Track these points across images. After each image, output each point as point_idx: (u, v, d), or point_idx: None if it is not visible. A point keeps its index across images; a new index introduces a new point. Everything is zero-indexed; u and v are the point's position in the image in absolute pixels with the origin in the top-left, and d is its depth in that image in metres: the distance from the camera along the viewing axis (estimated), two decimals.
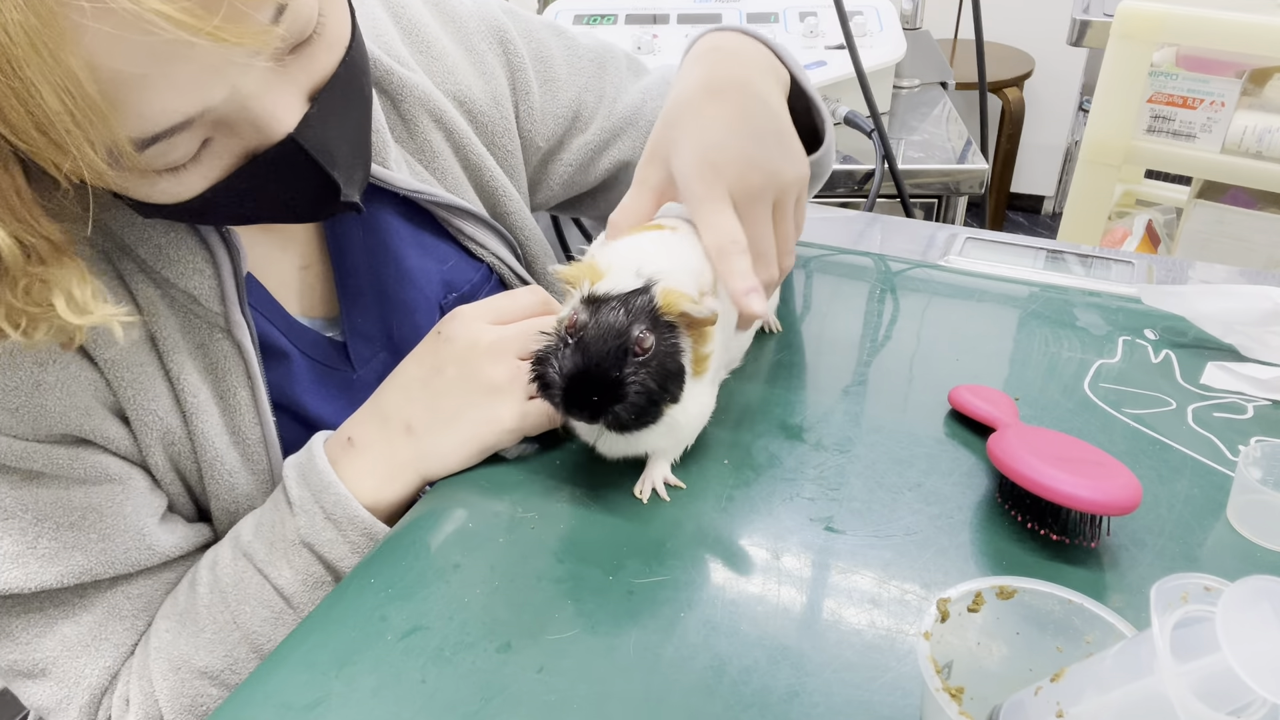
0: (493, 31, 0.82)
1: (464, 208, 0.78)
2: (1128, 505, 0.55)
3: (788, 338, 0.81)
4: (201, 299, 0.64)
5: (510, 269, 0.82)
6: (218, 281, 0.64)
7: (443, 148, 0.78)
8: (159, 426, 0.64)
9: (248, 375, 0.66)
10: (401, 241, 0.75)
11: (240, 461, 0.67)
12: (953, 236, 0.97)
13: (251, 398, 0.67)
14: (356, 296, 0.74)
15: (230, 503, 0.68)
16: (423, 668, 0.51)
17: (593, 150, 0.86)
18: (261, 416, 0.67)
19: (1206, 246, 1.44)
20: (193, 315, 0.64)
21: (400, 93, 0.75)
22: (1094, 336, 0.80)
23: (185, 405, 0.64)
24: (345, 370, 0.73)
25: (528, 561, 0.58)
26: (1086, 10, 1.59)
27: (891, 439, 0.68)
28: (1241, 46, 1.31)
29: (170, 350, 0.64)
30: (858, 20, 1.44)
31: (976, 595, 0.45)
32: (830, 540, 0.60)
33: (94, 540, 0.62)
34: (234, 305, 0.65)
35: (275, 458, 0.68)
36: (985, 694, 0.46)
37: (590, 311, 0.57)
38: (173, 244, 0.63)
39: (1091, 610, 0.44)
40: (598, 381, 0.55)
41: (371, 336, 0.75)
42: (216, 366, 0.65)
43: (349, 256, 0.73)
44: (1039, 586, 0.45)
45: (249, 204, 0.58)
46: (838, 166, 1.36)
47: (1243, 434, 0.68)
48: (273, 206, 0.60)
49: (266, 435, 0.68)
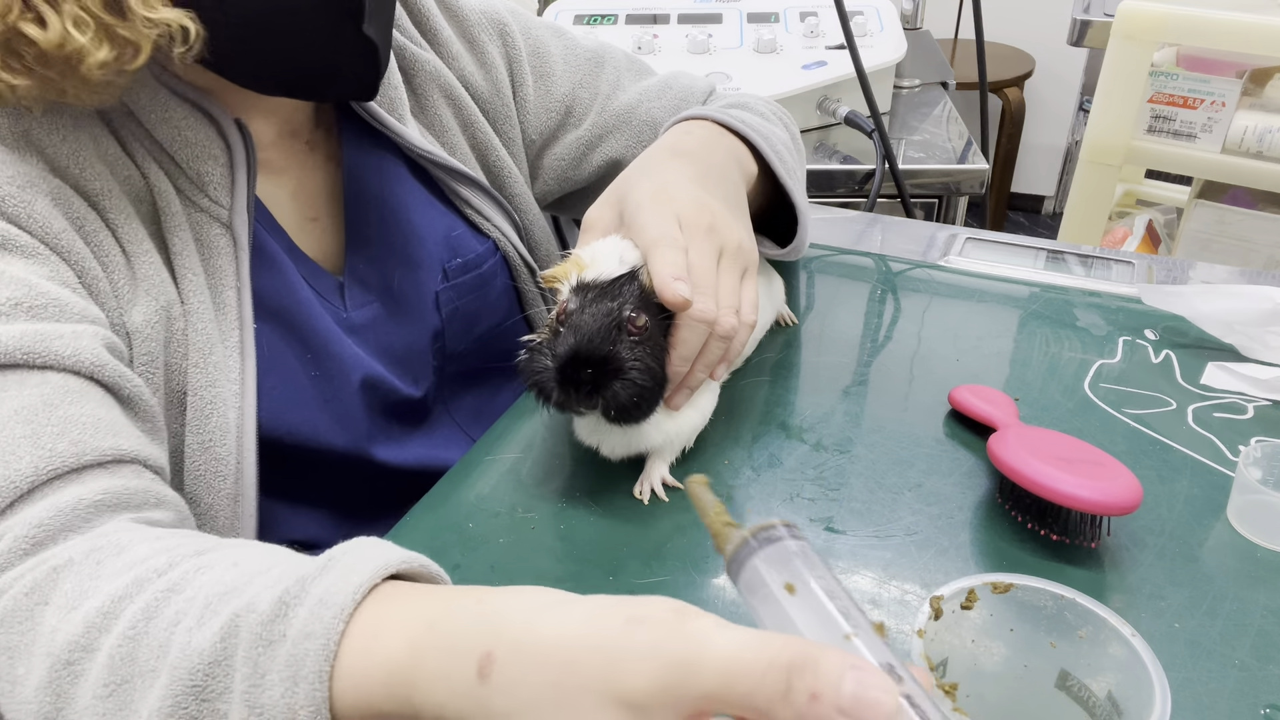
0: (493, 24, 0.83)
1: (469, 175, 0.79)
2: (1128, 505, 0.55)
3: (788, 338, 0.81)
4: (209, 186, 0.64)
5: (515, 248, 0.83)
6: (229, 171, 0.65)
7: (452, 123, 0.80)
8: (163, 298, 0.62)
9: (237, 275, 0.65)
10: (413, 197, 0.77)
11: (221, 359, 0.64)
12: (953, 237, 0.97)
13: (237, 300, 0.65)
14: (363, 244, 0.74)
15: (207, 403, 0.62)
16: None
17: (584, 145, 0.86)
18: (243, 319, 0.65)
19: (1207, 247, 1.44)
20: (195, 207, 0.64)
21: (413, 67, 0.77)
22: (1094, 337, 0.80)
23: (182, 290, 0.63)
24: (338, 307, 0.73)
25: (528, 561, 0.58)
26: (1087, 10, 1.59)
27: (891, 439, 0.68)
28: (1242, 46, 1.31)
29: (171, 231, 0.63)
30: (858, 20, 1.44)
31: (970, 593, 0.45)
32: (830, 540, 0.60)
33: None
34: (241, 197, 0.65)
35: (249, 365, 0.65)
36: (981, 691, 0.46)
37: (579, 298, 0.57)
38: (192, 128, 0.63)
39: (1084, 605, 0.44)
40: (593, 359, 0.54)
41: (370, 284, 0.75)
42: (210, 261, 0.65)
43: (361, 205, 0.74)
44: (1031, 582, 0.45)
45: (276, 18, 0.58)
46: (838, 166, 1.36)
47: (1243, 434, 0.68)
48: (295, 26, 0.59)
49: (244, 340, 0.65)
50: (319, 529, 0.73)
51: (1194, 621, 0.53)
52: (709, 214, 0.62)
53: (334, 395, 0.71)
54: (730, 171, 0.70)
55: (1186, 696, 0.49)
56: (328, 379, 0.70)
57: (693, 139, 0.71)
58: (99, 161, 0.61)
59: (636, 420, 0.57)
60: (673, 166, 0.66)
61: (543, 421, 0.72)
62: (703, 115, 0.75)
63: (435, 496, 0.65)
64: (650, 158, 0.69)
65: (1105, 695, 0.44)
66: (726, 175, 0.69)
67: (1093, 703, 0.45)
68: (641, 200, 0.62)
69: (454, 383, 0.81)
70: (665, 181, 0.64)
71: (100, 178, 0.60)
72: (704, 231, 0.61)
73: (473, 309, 0.80)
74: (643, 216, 0.61)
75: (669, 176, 0.65)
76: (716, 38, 1.48)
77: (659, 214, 0.61)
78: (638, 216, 0.61)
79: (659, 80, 0.91)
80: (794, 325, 0.83)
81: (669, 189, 0.63)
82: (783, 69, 1.41)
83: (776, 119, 0.85)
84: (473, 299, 0.80)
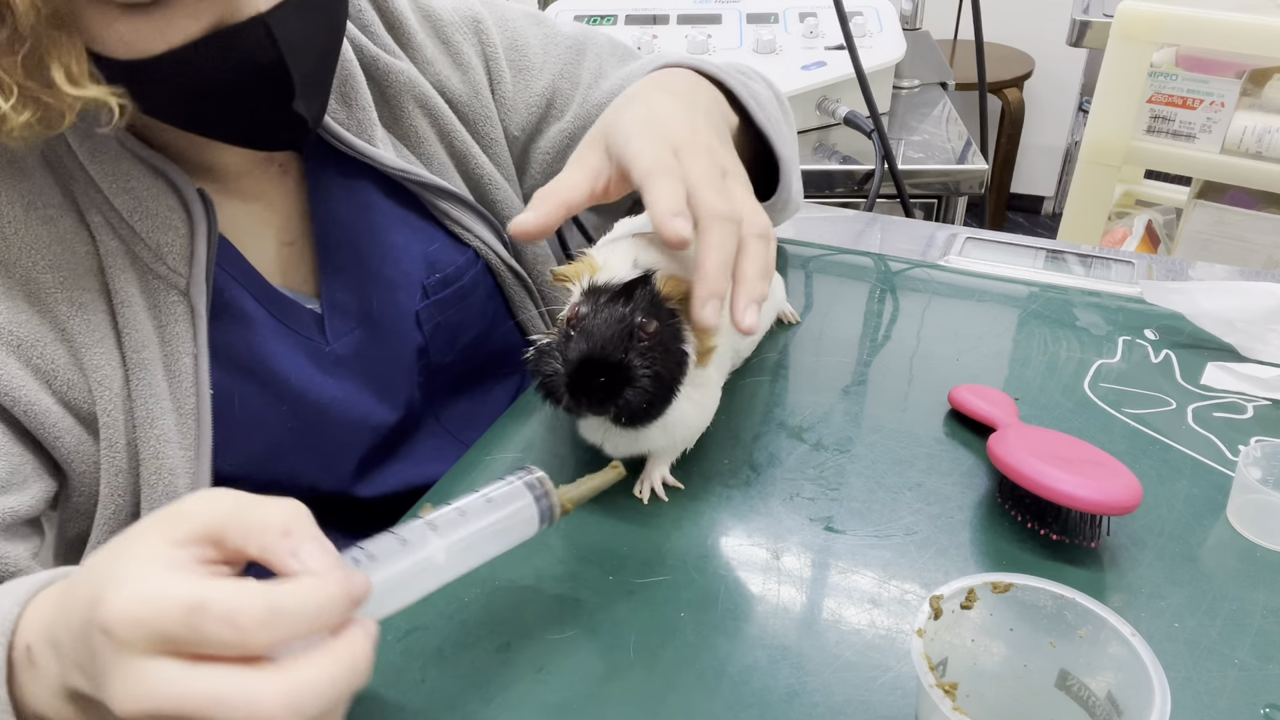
0: (467, 22, 0.81)
1: (447, 189, 0.77)
2: (1128, 505, 0.55)
3: (788, 338, 0.81)
4: (168, 257, 0.63)
5: (498, 256, 0.81)
6: (189, 241, 0.64)
7: (428, 134, 0.78)
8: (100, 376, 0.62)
9: (194, 342, 0.65)
10: (386, 218, 0.75)
11: (174, 427, 0.65)
12: (953, 236, 0.97)
13: (194, 365, 0.65)
14: (338, 271, 0.73)
15: (153, 472, 0.63)
16: (423, 668, 0.51)
17: (568, 138, 0.84)
18: (199, 386, 0.65)
19: (1206, 247, 1.44)
20: (153, 274, 0.64)
21: (386, 79, 0.75)
22: (1094, 336, 0.80)
23: (129, 360, 0.63)
24: (319, 342, 0.72)
25: (528, 561, 0.58)
26: (1086, 10, 1.60)
27: (891, 439, 0.68)
28: (1241, 47, 1.31)
29: (123, 304, 0.63)
30: (857, 21, 1.44)
31: (969, 592, 0.45)
32: (830, 540, 0.60)
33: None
34: (199, 268, 0.64)
35: (205, 432, 0.65)
36: (981, 690, 0.46)
37: (591, 302, 0.56)
38: (153, 197, 0.63)
39: (1083, 605, 0.44)
40: (605, 365, 0.54)
41: (350, 311, 0.74)
42: (166, 328, 0.64)
43: (333, 231, 0.73)
44: (1030, 582, 0.45)
45: (204, 99, 0.58)
46: (837, 167, 1.36)
47: (1243, 434, 0.68)
48: (225, 107, 0.59)
49: (200, 407, 0.65)
50: None
51: (1194, 621, 0.53)
52: (704, 138, 0.58)
53: (315, 443, 0.71)
54: (715, 114, 0.66)
55: (1186, 696, 0.49)
56: (307, 428, 0.70)
57: (675, 80, 0.67)
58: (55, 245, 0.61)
59: (645, 424, 0.57)
60: (657, 98, 0.62)
61: (542, 421, 0.72)
62: (680, 63, 0.71)
63: (435, 496, 0.65)
64: (633, 92, 0.63)
65: (1105, 695, 0.44)
66: (712, 115, 0.65)
67: (1092, 702, 0.45)
68: (630, 130, 0.58)
69: (442, 393, 0.81)
70: (653, 110, 0.60)
71: (52, 268, 0.60)
72: (703, 152, 0.57)
73: (455, 321, 0.79)
74: (633, 146, 0.56)
75: (656, 106, 0.60)
76: (716, 38, 1.48)
77: (650, 142, 0.56)
78: (628, 148, 0.56)
79: (643, 66, 0.87)
80: (797, 323, 0.82)
81: (658, 116, 0.59)
82: (782, 69, 1.41)
83: (759, 79, 0.82)
84: (454, 312, 0.79)
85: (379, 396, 0.74)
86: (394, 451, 0.77)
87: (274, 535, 0.38)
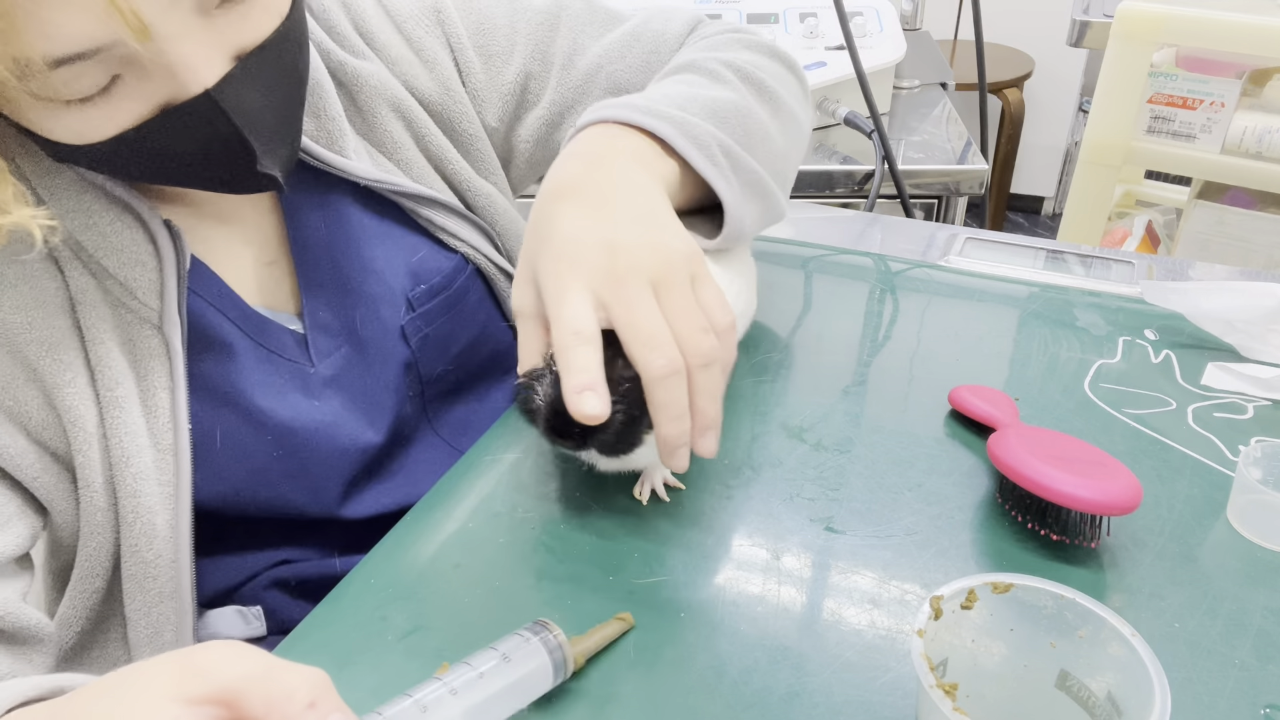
0: (428, 14, 0.77)
1: (429, 196, 0.75)
2: (1128, 505, 0.55)
3: (788, 337, 0.81)
4: (138, 292, 0.62)
5: (488, 259, 0.79)
6: (159, 275, 0.62)
7: (404, 138, 0.75)
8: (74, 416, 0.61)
9: (171, 376, 0.63)
10: (364, 233, 0.73)
11: (152, 464, 0.63)
12: (953, 236, 0.97)
13: (171, 400, 0.63)
14: (318, 289, 0.71)
15: (131, 510, 0.63)
16: (423, 668, 0.51)
17: (547, 124, 0.80)
18: (176, 422, 0.63)
19: (1206, 247, 1.44)
20: (125, 309, 0.62)
21: (356, 83, 0.73)
22: (1094, 336, 0.80)
23: (103, 399, 0.61)
24: (303, 364, 0.71)
25: (528, 561, 0.58)
26: (1086, 11, 1.59)
27: (891, 439, 0.68)
28: (1241, 47, 1.31)
29: (95, 341, 0.61)
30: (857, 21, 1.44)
31: (970, 592, 0.45)
32: (830, 540, 0.60)
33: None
34: (171, 302, 0.63)
35: (184, 468, 0.64)
36: (981, 690, 0.46)
37: None
38: (118, 232, 0.61)
39: (1083, 605, 0.44)
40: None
41: (333, 330, 0.72)
42: (141, 364, 0.63)
43: (310, 249, 0.71)
44: (1030, 582, 0.45)
45: (165, 163, 0.57)
46: (837, 167, 1.36)
47: (1243, 434, 0.68)
48: (188, 170, 0.58)
49: (178, 443, 0.63)
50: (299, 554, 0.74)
51: (1194, 621, 0.53)
52: (624, 254, 0.54)
53: (300, 469, 0.69)
54: (634, 180, 0.60)
55: (1186, 696, 0.49)
56: (292, 455, 0.69)
57: (578, 162, 0.62)
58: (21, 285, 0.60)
59: (625, 454, 0.56)
60: (562, 214, 0.57)
61: None
62: (599, 119, 0.65)
63: (435, 496, 0.65)
64: (539, 209, 0.60)
65: (1105, 695, 0.44)
66: (630, 188, 0.60)
67: (1092, 702, 0.45)
68: (545, 281, 0.55)
69: (436, 402, 0.79)
70: (562, 243, 0.56)
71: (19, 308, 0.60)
72: (624, 279, 0.53)
73: (445, 331, 0.77)
74: (551, 308, 0.54)
75: (563, 230, 0.56)
76: None
77: (565, 297, 0.53)
78: (549, 308, 0.54)
79: (626, 32, 0.81)
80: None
81: (568, 251, 0.55)
82: None
83: (732, 74, 0.73)
84: (444, 322, 0.77)
85: (367, 418, 0.72)
86: (383, 471, 0.76)
87: (298, 708, 0.36)
